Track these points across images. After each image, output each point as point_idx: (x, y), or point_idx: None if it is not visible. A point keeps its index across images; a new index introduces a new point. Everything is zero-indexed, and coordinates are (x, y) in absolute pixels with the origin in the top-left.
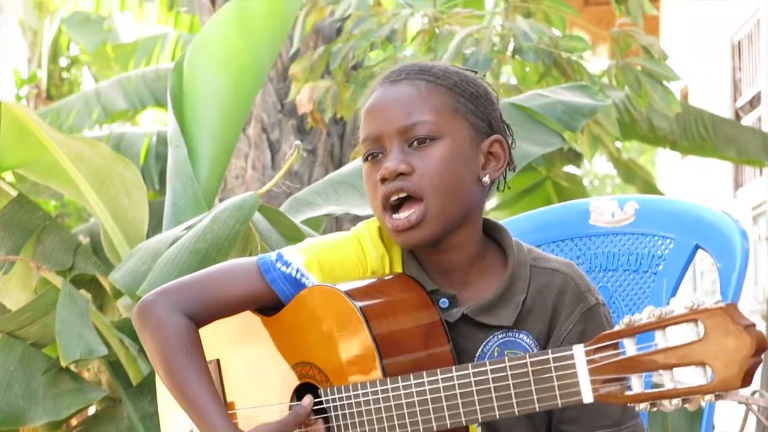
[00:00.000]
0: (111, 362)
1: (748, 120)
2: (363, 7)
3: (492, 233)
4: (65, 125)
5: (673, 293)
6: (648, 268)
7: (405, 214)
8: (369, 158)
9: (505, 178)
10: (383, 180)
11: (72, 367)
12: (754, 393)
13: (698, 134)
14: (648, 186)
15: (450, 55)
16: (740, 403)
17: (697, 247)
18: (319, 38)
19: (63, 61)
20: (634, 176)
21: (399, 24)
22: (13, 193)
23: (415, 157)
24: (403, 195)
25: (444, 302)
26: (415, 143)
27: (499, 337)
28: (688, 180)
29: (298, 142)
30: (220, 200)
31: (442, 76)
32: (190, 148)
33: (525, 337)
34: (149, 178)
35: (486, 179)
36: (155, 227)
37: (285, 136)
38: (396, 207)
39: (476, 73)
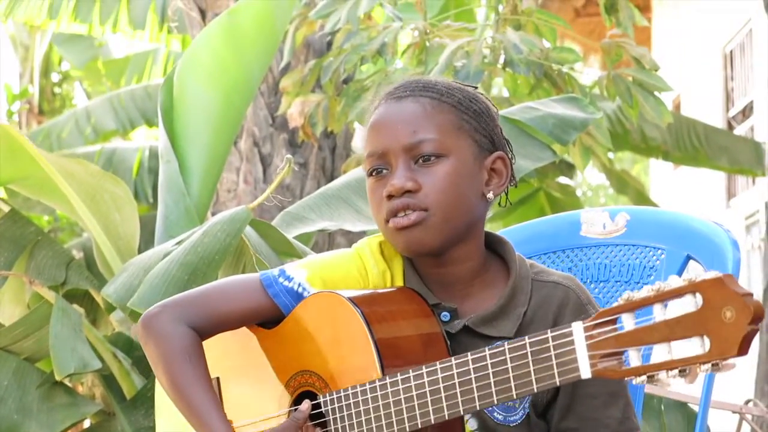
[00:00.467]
0: (105, 376)
1: (740, 129)
2: (353, 20)
3: (495, 247)
4: (56, 144)
5: None
6: (640, 279)
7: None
8: (373, 173)
9: (507, 194)
10: (390, 196)
11: (66, 381)
12: (747, 402)
13: (691, 144)
14: (641, 196)
15: (440, 68)
16: (734, 412)
17: (688, 257)
18: (309, 52)
19: (55, 77)
20: (626, 187)
21: (389, 37)
22: (5, 208)
23: (421, 174)
24: (409, 212)
25: (445, 315)
26: (421, 161)
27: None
28: (681, 190)
29: (289, 155)
30: (213, 214)
31: (446, 93)
32: (181, 163)
33: None
34: (142, 192)
35: (490, 195)
36: (148, 241)
37: (276, 149)
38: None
39: (476, 88)
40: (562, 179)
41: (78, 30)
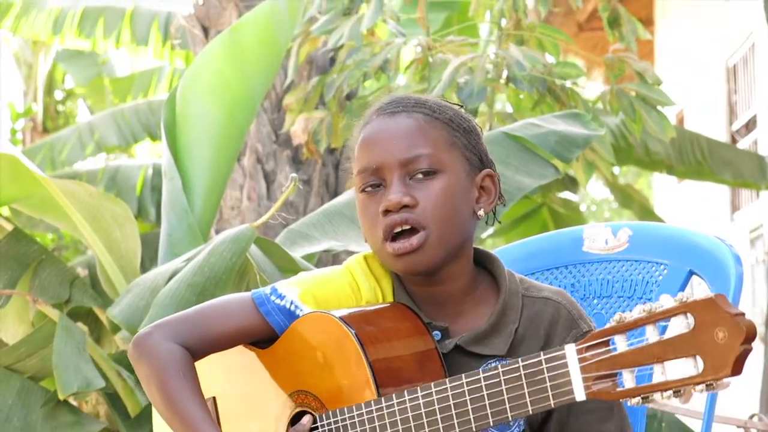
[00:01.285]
0: (109, 394)
1: (744, 143)
2: (355, 37)
3: (484, 263)
4: (59, 159)
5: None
6: (642, 294)
7: (407, 240)
8: (366, 190)
9: (494, 213)
10: (386, 212)
11: (71, 400)
12: (752, 417)
13: (694, 158)
14: (645, 211)
15: (444, 85)
16: (738, 426)
17: (691, 272)
18: (312, 68)
19: (58, 94)
20: (630, 201)
21: (392, 54)
22: (9, 227)
23: (417, 189)
24: (406, 227)
25: (436, 335)
26: (418, 176)
27: (493, 365)
28: (685, 204)
29: (294, 174)
30: (216, 231)
31: (438, 110)
32: (184, 180)
33: None
34: (145, 210)
35: (481, 212)
36: (152, 259)
37: (280, 166)
38: (395, 238)
39: (462, 107)
40: (566, 194)
41: (82, 46)
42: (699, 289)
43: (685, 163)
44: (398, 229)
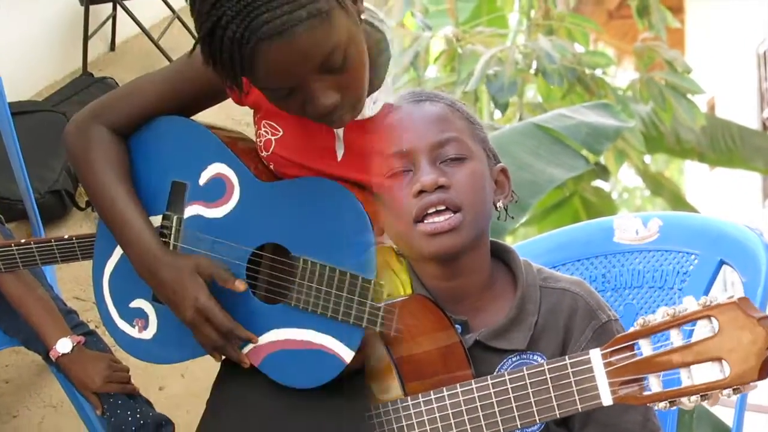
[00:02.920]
0: None
1: None
2: None
3: (500, 255)
4: None
5: None
6: (673, 284)
7: (443, 217)
8: (393, 174)
9: (506, 209)
10: (419, 193)
11: None
12: None
13: (725, 146)
14: (676, 199)
15: (476, 79)
16: None
17: (722, 262)
18: None
19: None
20: (662, 189)
21: (421, 47)
22: None
23: (448, 173)
24: (441, 207)
25: (456, 329)
26: (450, 159)
27: (514, 360)
28: (717, 191)
29: None
30: None
31: (456, 103)
32: None
33: (539, 359)
34: None
35: (499, 204)
36: None
37: None
38: (423, 220)
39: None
40: (597, 182)
41: None
42: (731, 277)
43: (716, 150)
44: (432, 210)
